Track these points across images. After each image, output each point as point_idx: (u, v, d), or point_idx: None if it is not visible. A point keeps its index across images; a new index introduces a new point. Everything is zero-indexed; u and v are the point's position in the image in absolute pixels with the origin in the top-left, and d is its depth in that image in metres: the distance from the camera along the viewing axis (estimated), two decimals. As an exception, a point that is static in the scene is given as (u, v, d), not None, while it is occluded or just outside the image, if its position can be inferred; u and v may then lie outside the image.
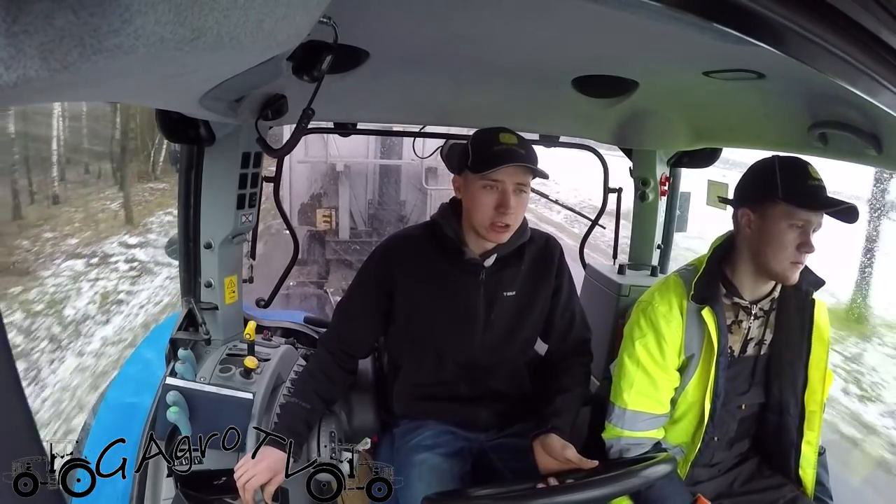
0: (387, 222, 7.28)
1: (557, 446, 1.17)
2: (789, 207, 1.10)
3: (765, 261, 1.15)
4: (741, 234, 1.19)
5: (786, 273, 1.13)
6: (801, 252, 1.11)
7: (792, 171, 1.12)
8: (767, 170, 1.15)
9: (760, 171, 1.17)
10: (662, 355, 1.21)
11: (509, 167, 1.16)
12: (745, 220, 1.18)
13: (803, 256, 1.11)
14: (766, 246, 1.14)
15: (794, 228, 1.10)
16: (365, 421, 1.48)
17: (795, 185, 1.10)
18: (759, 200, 1.15)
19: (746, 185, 1.21)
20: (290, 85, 1.02)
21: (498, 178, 1.18)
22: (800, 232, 1.10)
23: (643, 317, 1.24)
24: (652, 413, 1.23)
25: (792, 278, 1.14)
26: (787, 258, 1.12)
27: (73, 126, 11.43)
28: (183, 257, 1.46)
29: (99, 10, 0.32)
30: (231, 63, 0.62)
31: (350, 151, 6.80)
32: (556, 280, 1.36)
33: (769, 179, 1.13)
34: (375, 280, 1.33)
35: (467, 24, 1.01)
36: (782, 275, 1.14)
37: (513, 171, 1.17)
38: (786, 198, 1.10)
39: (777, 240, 1.12)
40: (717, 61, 1.09)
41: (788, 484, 1.27)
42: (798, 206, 1.09)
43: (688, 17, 0.50)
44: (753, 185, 1.19)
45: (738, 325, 1.23)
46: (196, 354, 1.38)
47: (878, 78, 0.55)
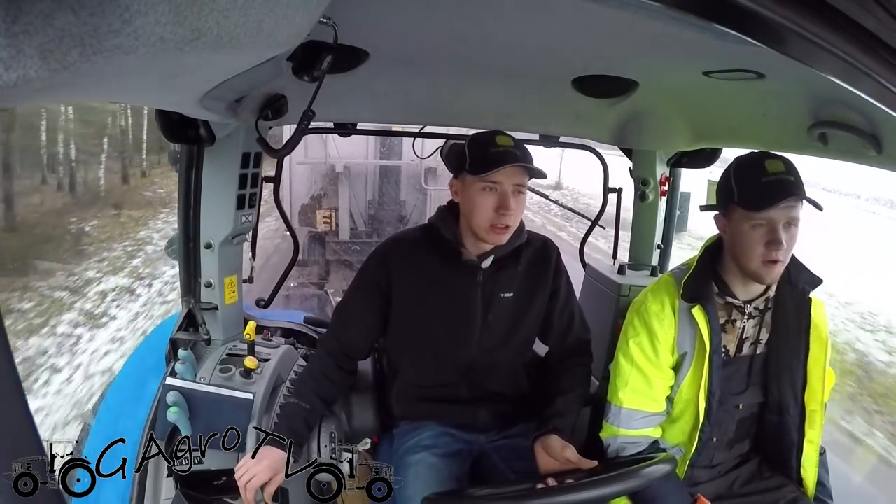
0: (387, 223, 7.28)
1: (557, 447, 1.18)
2: (744, 210, 1.11)
3: (740, 263, 1.16)
4: (723, 239, 1.21)
5: (759, 272, 1.13)
6: (770, 250, 1.10)
7: (745, 172, 1.13)
8: (727, 174, 1.17)
9: (724, 175, 1.18)
10: (656, 354, 1.22)
11: (508, 168, 1.17)
12: (721, 225, 1.20)
13: (774, 254, 1.10)
14: (737, 249, 1.15)
15: (758, 228, 1.11)
16: (365, 421, 1.48)
17: (748, 186, 1.11)
18: (725, 205, 1.17)
19: (717, 191, 1.22)
20: (290, 85, 1.02)
21: (496, 179, 1.19)
22: (765, 231, 1.10)
23: (637, 316, 1.25)
24: (647, 411, 1.23)
25: (768, 278, 1.14)
26: (758, 258, 1.12)
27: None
28: (183, 257, 1.46)
29: (99, 10, 0.32)
30: (231, 63, 0.62)
31: (350, 152, 6.79)
32: (554, 282, 1.36)
33: (727, 184, 1.15)
34: (374, 282, 1.33)
35: (467, 25, 1.01)
36: (757, 274, 1.14)
37: (511, 172, 1.19)
38: (740, 202, 1.11)
39: (744, 242, 1.12)
40: (717, 61, 1.09)
41: (789, 484, 1.27)
42: (749, 209, 1.10)
43: (688, 17, 0.50)
44: (719, 191, 1.20)
45: (732, 324, 1.23)
46: (196, 354, 1.38)
47: (878, 78, 0.55)
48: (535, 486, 1.07)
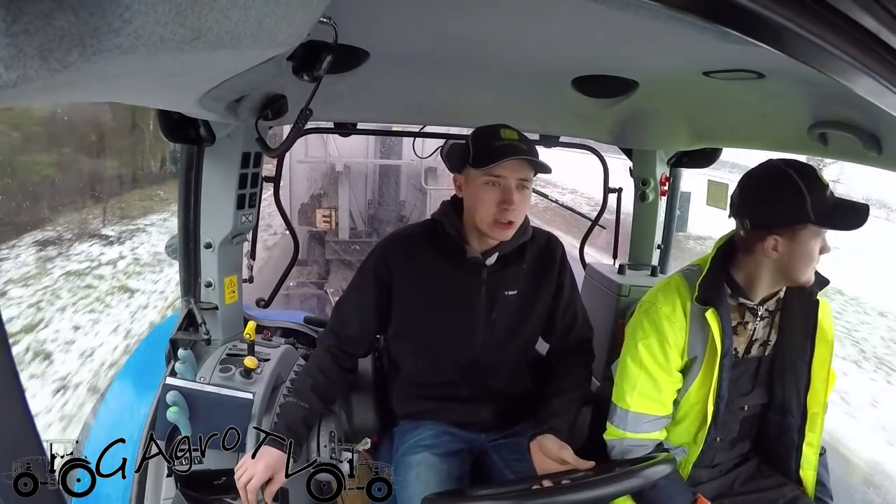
0: (387, 222, 7.28)
1: (554, 447, 1.16)
2: (820, 229, 1.09)
3: (794, 276, 1.13)
4: (762, 254, 1.13)
5: (811, 279, 1.14)
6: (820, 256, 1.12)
7: (814, 188, 1.07)
8: (789, 188, 1.07)
9: (779, 189, 1.09)
10: (665, 357, 1.19)
11: (512, 161, 1.15)
12: (770, 244, 1.11)
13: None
14: (797, 264, 1.12)
15: (820, 241, 1.11)
16: (365, 421, 1.48)
17: (822, 204, 1.07)
18: (789, 223, 1.09)
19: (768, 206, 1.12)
20: (290, 85, 1.02)
21: (500, 173, 1.17)
22: (819, 241, 1.11)
23: (646, 318, 1.22)
24: (655, 415, 1.22)
25: (812, 280, 1.15)
26: (814, 268, 1.13)
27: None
28: (183, 257, 1.46)
29: (99, 10, 0.32)
30: (231, 63, 0.62)
31: (350, 151, 6.80)
32: (558, 279, 1.35)
33: (797, 200, 1.07)
34: (374, 279, 1.32)
35: (467, 24, 1.01)
36: (808, 282, 1.14)
37: (515, 166, 1.17)
38: (819, 220, 1.07)
39: (809, 257, 1.11)
40: (717, 61, 1.09)
41: (789, 484, 1.27)
42: (831, 228, 1.08)
43: (688, 17, 0.50)
44: (780, 207, 1.10)
45: (744, 326, 1.22)
46: (196, 354, 1.38)
47: (878, 78, 0.55)
48: (531, 487, 1.06)
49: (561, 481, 1.05)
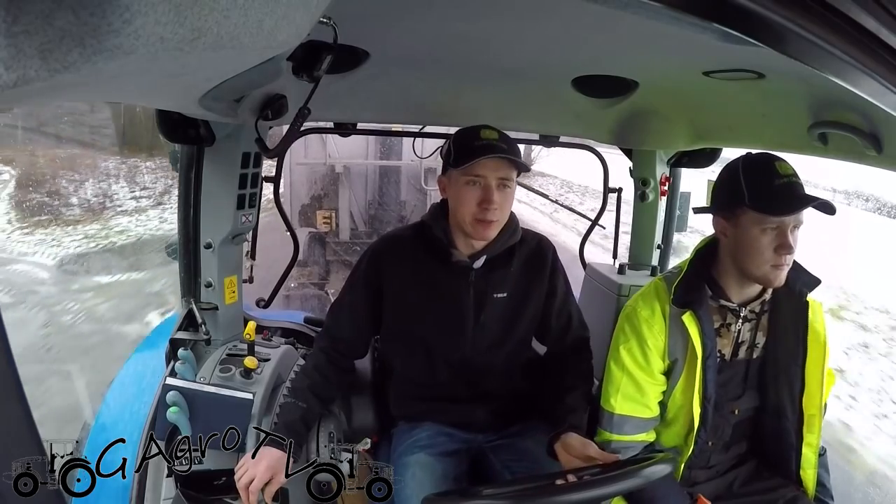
0: (387, 223, 7.27)
1: (578, 444, 1.16)
2: (757, 214, 1.08)
3: (745, 267, 1.13)
4: (720, 241, 1.18)
5: (768, 277, 1.12)
6: (779, 254, 1.09)
7: (757, 174, 1.10)
8: (733, 174, 1.13)
9: (727, 175, 1.15)
10: (646, 360, 1.20)
11: (491, 160, 1.16)
12: (720, 228, 1.17)
13: (784, 258, 1.09)
14: (743, 253, 1.12)
15: (768, 232, 1.09)
16: (364, 421, 1.47)
17: (762, 189, 1.08)
18: (729, 207, 1.13)
19: (716, 191, 1.18)
20: (290, 85, 1.02)
21: (480, 172, 1.18)
22: (775, 234, 1.09)
23: (627, 322, 1.24)
24: (639, 417, 1.22)
25: (776, 281, 1.12)
26: (766, 262, 1.10)
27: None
28: (183, 257, 1.46)
29: (99, 11, 0.32)
30: (231, 63, 0.62)
31: (349, 152, 6.79)
32: (550, 281, 1.35)
33: (735, 185, 1.11)
34: (365, 280, 1.33)
35: (467, 25, 1.01)
36: (765, 279, 1.13)
37: (495, 165, 1.17)
38: (752, 204, 1.08)
39: (753, 246, 1.10)
40: (717, 61, 1.09)
41: (788, 484, 1.26)
42: (766, 213, 1.08)
43: (688, 17, 0.50)
44: (722, 192, 1.16)
45: (727, 328, 1.22)
46: (196, 354, 1.38)
47: (879, 78, 0.55)
48: (533, 485, 1.06)
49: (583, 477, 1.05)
